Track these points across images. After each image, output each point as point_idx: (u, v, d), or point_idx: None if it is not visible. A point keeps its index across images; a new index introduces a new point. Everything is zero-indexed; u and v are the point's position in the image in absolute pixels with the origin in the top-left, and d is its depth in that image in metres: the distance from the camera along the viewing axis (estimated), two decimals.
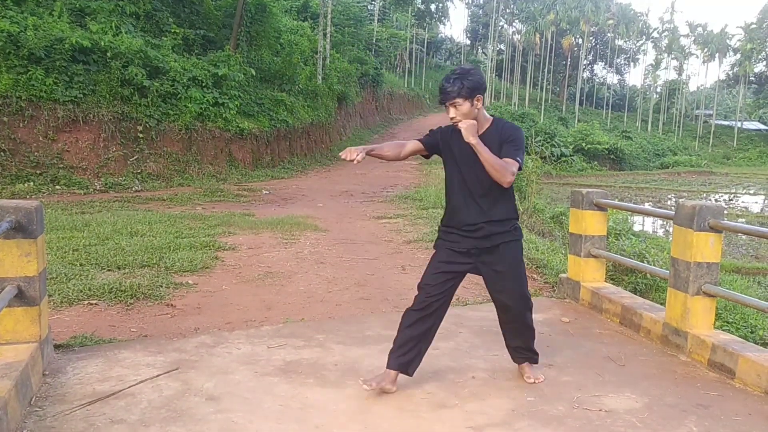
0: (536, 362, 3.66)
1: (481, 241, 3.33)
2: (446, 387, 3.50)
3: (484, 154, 3.13)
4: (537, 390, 3.48)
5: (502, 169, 3.12)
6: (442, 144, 3.38)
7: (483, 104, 3.27)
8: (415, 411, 3.19)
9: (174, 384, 3.44)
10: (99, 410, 3.09)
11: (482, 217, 3.30)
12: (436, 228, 8.58)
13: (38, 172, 12.68)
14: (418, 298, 3.37)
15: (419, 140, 3.44)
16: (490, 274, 3.42)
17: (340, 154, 3.15)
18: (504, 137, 3.25)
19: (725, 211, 4.20)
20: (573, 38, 69.44)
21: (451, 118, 3.23)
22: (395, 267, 6.72)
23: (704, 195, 30.10)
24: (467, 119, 3.20)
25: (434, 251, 3.48)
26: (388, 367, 3.38)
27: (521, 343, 3.60)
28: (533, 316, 3.57)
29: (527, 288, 3.54)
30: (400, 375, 3.39)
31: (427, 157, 3.52)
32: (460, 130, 3.21)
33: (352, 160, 3.08)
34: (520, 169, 3.21)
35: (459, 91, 3.17)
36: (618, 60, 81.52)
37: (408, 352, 3.36)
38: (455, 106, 3.20)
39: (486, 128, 3.29)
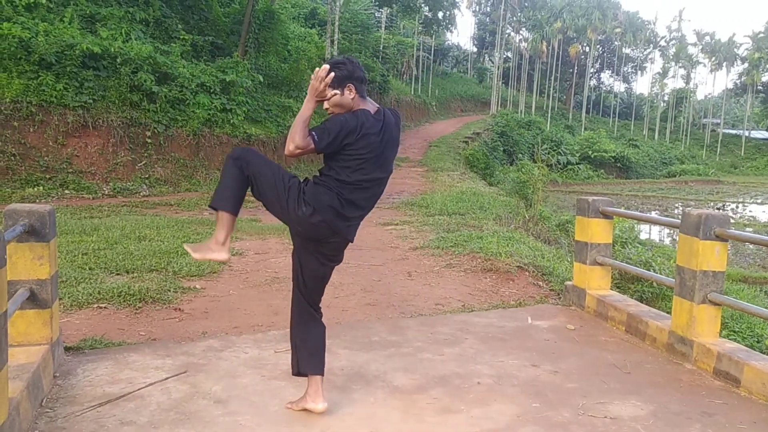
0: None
1: None
2: (452, 392, 3.52)
3: (299, 114, 2.94)
4: (542, 396, 3.49)
5: (289, 135, 2.91)
6: None
7: (361, 94, 3.06)
8: (420, 416, 3.22)
9: (182, 387, 3.48)
10: (109, 412, 3.13)
11: None
12: (443, 235, 8.64)
13: (48, 176, 12.78)
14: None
15: None
16: None
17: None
18: None
19: (732, 221, 4.21)
20: (580, 46, 69.41)
21: (326, 110, 3.09)
22: (401, 273, 6.74)
23: (711, 204, 30.00)
24: (340, 110, 3.03)
25: None
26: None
27: None
28: (539, 323, 3.57)
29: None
30: (401, 381, 3.34)
31: None
32: None
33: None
34: (316, 147, 2.90)
35: None
36: (625, 68, 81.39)
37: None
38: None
39: None
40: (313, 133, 2.90)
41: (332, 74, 2.95)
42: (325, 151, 2.96)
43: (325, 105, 3.07)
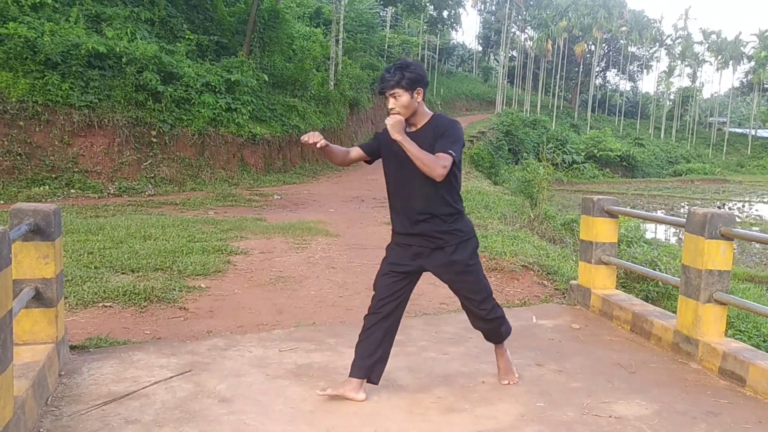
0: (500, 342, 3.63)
1: (424, 240, 3.28)
2: (456, 391, 3.52)
3: (411, 149, 3.03)
4: (547, 395, 3.49)
5: (431, 163, 3.02)
6: (382, 145, 3.30)
7: (424, 98, 3.19)
8: (424, 414, 3.22)
9: (187, 385, 3.49)
10: (114, 410, 3.14)
11: (419, 215, 3.24)
12: None
13: (54, 175, 12.84)
14: (372, 301, 3.36)
15: (361, 146, 3.39)
16: (441, 275, 3.38)
17: (303, 137, 3.07)
18: (438, 132, 3.16)
19: (738, 219, 4.19)
20: (585, 45, 69.22)
21: (390, 109, 3.15)
22: None
23: (717, 203, 29.86)
24: (406, 112, 3.13)
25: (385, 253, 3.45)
26: (352, 375, 3.34)
27: (486, 327, 3.53)
28: (544, 322, 3.58)
29: (485, 283, 3.42)
30: (406, 380, 3.38)
31: (369, 162, 3.42)
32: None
33: (315, 143, 3.05)
34: (455, 162, 3.13)
35: (399, 81, 3.09)
36: (631, 67, 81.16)
37: (368, 358, 3.32)
38: (395, 97, 3.11)
39: (424, 123, 3.22)
40: (450, 151, 3.09)
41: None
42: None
43: (391, 104, 3.13)
